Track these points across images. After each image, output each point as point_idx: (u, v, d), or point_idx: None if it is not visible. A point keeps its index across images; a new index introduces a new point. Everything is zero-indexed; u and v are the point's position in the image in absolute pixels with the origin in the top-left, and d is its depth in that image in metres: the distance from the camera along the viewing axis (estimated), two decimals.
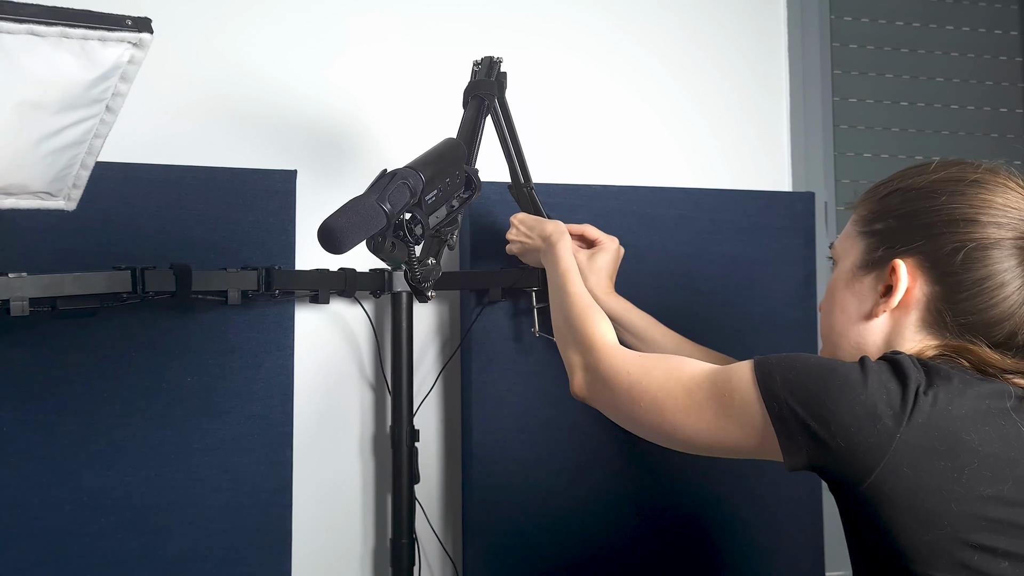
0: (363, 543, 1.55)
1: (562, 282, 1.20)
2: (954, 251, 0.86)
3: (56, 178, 0.99)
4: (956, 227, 0.86)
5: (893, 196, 0.93)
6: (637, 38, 1.77)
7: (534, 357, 1.51)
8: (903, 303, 0.89)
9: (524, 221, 1.36)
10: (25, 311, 1.16)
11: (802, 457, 0.81)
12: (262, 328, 1.43)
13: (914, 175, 0.93)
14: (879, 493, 0.77)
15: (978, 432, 0.77)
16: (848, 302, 0.95)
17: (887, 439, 0.77)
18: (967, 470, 0.76)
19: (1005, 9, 2.08)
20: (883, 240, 0.92)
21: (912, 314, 0.89)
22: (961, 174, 0.89)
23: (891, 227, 0.91)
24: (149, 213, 1.40)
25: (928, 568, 0.77)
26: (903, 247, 0.89)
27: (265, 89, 1.58)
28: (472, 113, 1.28)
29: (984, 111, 2.04)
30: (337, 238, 0.90)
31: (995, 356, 0.84)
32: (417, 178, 0.99)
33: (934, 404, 0.78)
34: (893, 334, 0.91)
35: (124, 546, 1.34)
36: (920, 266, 0.88)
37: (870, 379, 0.79)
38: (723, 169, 1.79)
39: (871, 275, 0.92)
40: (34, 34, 0.80)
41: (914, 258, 0.89)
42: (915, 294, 0.89)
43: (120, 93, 0.91)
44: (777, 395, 0.82)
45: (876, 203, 0.95)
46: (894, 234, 0.91)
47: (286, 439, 1.43)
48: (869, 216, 0.95)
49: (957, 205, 0.87)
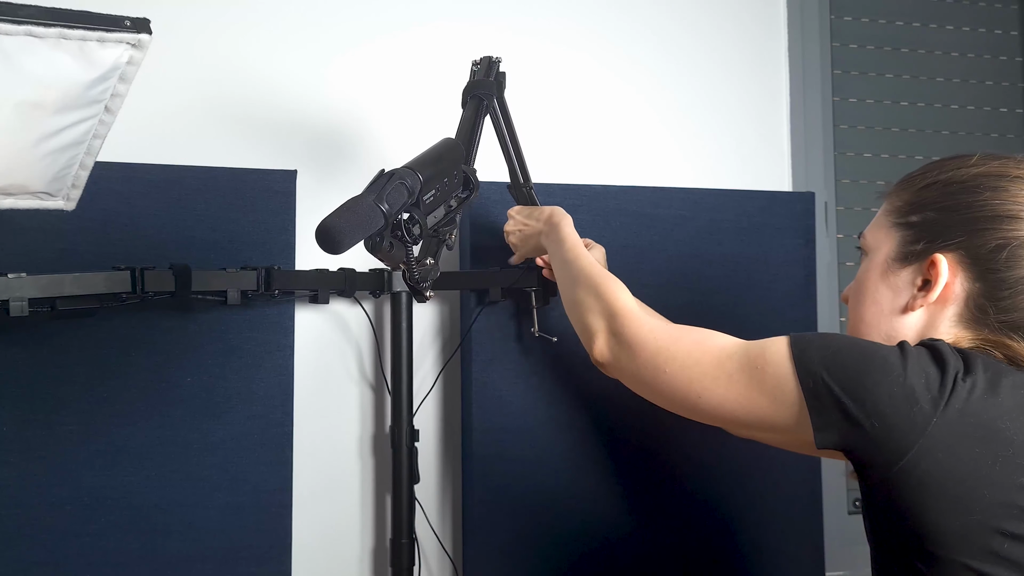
0: (363, 543, 1.55)
1: (572, 256, 1.20)
2: (998, 248, 0.85)
3: (55, 178, 0.99)
4: (1000, 223, 0.85)
5: (932, 188, 0.91)
6: (637, 38, 1.77)
7: (534, 357, 1.51)
8: (941, 298, 0.88)
9: (521, 211, 1.37)
10: (25, 311, 1.16)
11: (834, 435, 0.81)
12: (262, 328, 1.43)
13: (953, 168, 0.91)
14: (910, 477, 0.77)
15: (1014, 421, 0.77)
16: (882, 294, 0.93)
17: (923, 423, 0.76)
18: (1001, 458, 0.75)
19: (1005, 9, 2.08)
20: (922, 233, 0.90)
21: (950, 309, 0.88)
22: (1004, 169, 0.88)
23: (931, 220, 0.90)
24: (149, 213, 1.40)
25: (956, 554, 0.76)
26: (944, 241, 0.88)
27: (265, 89, 1.58)
28: (471, 113, 1.28)
29: (984, 111, 2.04)
30: (335, 238, 0.90)
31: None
32: (415, 178, 0.99)
33: (972, 391, 0.77)
34: (928, 328, 0.90)
35: (124, 546, 1.34)
36: (961, 261, 0.87)
37: (909, 362, 0.79)
38: (723, 169, 1.79)
39: (909, 268, 0.91)
40: (32, 35, 0.80)
41: (955, 253, 0.87)
42: (955, 289, 0.88)
43: (119, 94, 0.91)
44: (813, 371, 0.82)
45: (913, 194, 0.93)
46: (934, 227, 0.89)
47: (286, 439, 1.43)
48: (905, 207, 0.93)
49: (1001, 201, 0.86)
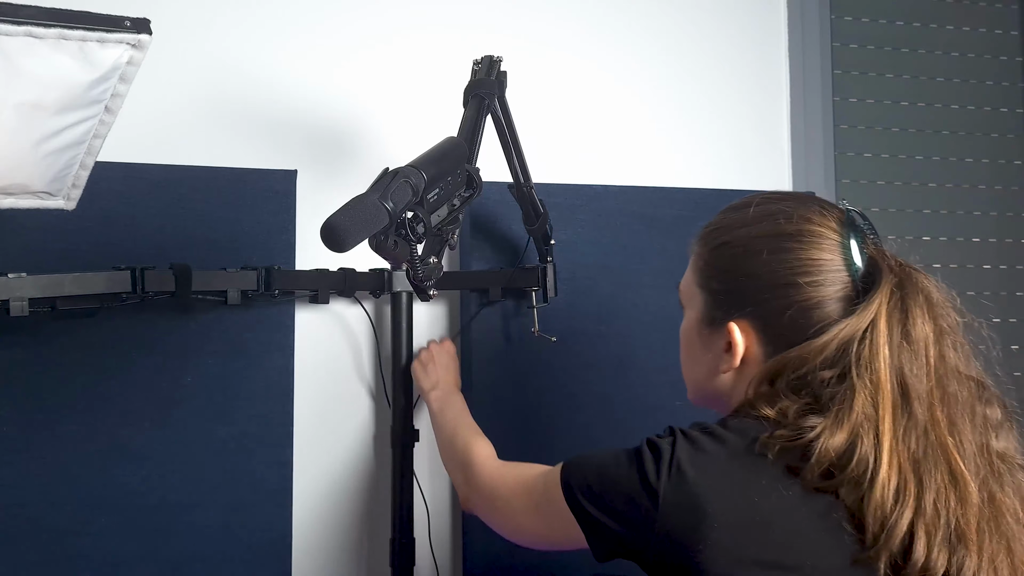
0: (363, 543, 1.54)
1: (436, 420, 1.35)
2: (780, 314, 0.88)
3: (56, 178, 0.99)
4: (779, 291, 0.88)
5: (722, 251, 0.95)
6: (637, 38, 1.77)
7: (534, 357, 1.51)
8: (743, 361, 0.92)
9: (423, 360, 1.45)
10: (25, 311, 1.16)
11: (603, 550, 0.88)
12: (262, 328, 1.43)
13: (738, 226, 0.94)
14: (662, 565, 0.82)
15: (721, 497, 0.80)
16: (700, 355, 0.97)
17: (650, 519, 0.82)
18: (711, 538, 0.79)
19: (1005, 9, 2.07)
20: (719, 300, 0.94)
21: (751, 369, 0.91)
22: (777, 228, 0.90)
23: (724, 289, 0.94)
24: (149, 213, 1.40)
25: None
26: (737, 311, 0.92)
27: (265, 89, 1.58)
28: (472, 112, 1.27)
29: (984, 111, 2.04)
30: (340, 236, 0.90)
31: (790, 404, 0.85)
32: (419, 176, 0.99)
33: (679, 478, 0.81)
34: (737, 387, 0.93)
35: (124, 546, 1.34)
36: (753, 327, 0.91)
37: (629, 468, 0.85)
38: (723, 169, 1.79)
39: (715, 333, 0.94)
40: (32, 36, 0.80)
41: (747, 320, 0.91)
42: (753, 353, 0.91)
43: (119, 94, 0.91)
44: (575, 497, 0.89)
45: (709, 253, 0.96)
46: (728, 297, 0.93)
47: (286, 439, 1.43)
48: (705, 268, 0.96)
49: (778, 267, 0.89)
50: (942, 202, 1.99)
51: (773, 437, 0.82)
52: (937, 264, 1.98)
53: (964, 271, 2.00)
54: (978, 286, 2.00)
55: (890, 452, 0.79)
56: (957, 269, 1.99)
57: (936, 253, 1.98)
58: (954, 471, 0.80)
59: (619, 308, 1.56)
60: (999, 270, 2.02)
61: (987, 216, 2.02)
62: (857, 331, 0.83)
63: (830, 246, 0.88)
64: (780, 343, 0.89)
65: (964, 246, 2.00)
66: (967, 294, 1.98)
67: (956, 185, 2.01)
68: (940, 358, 0.85)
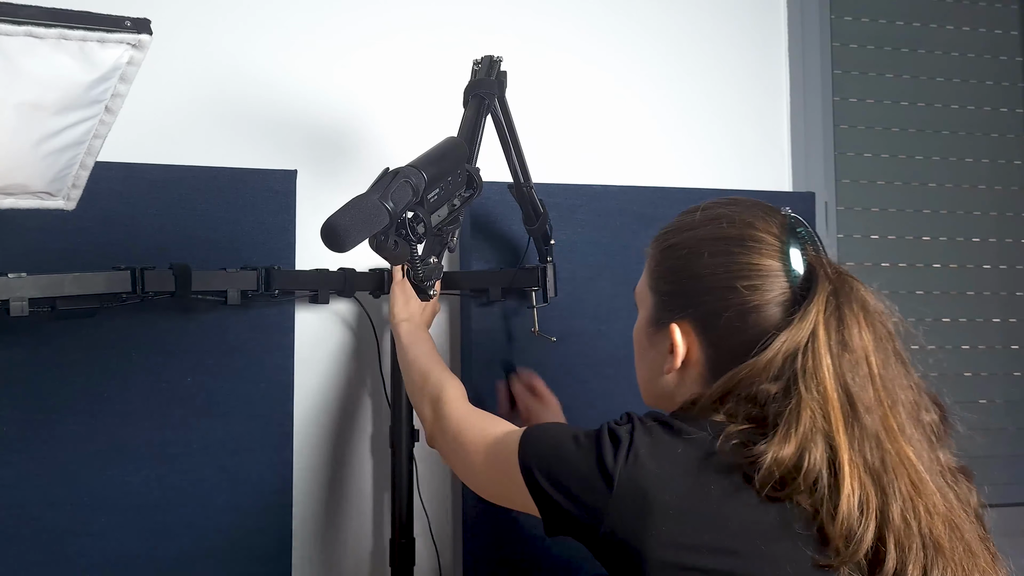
0: (363, 543, 1.54)
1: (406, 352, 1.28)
2: (716, 316, 0.90)
3: (56, 178, 0.99)
4: (718, 294, 0.90)
5: (670, 252, 0.96)
6: (637, 38, 1.77)
7: (534, 357, 1.51)
8: (685, 363, 0.94)
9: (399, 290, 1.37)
10: (25, 311, 1.16)
11: (553, 525, 0.88)
12: (262, 328, 1.43)
13: (686, 228, 0.96)
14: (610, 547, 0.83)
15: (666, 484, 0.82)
16: (647, 355, 1.00)
17: (603, 501, 0.83)
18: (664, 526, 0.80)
19: (1005, 9, 2.07)
20: (664, 301, 0.96)
21: (693, 371, 0.93)
22: (720, 231, 0.92)
23: (670, 291, 0.95)
24: (149, 213, 1.40)
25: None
26: (678, 312, 0.94)
27: (265, 89, 1.58)
28: (472, 112, 1.27)
29: (984, 111, 2.04)
30: (340, 236, 0.90)
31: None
32: (419, 176, 0.99)
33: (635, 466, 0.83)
34: (680, 388, 0.95)
35: (124, 546, 1.34)
36: (693, 329, 0.93)
37: (588, 448, 0.86)
38: (723, 169, 1.79)
39: (660, 333, 0.96)
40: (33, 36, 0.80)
41: (688, 322, 0.93)
42: (694, 355, 0.93)
43: (119, 94, 0.91)
44: (529, 466, 0.90)
45: (660, 255, 0.98)
46: (672, 297, 0.95)
47: (286, 439, 1.43)
48: (655, 270, 0.98)
49: (718, 270, 0.90)
50: (942, 202, 1.99)
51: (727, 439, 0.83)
52: (937, 264, 1.98)
53: (964, 271, 2.00)
54: (978, 286, 2.00)
55: (850, 464, 0.79)
56: (957, 269, 1.99)
57: (936, 253, 1.98)
58: (915, 481, 0.81)
59: (619, 308, 1.56)
60: (999, 270, 2.02)
61: (987, 216, 2.02)
62: (800, 343, 0.84)
63: (770, 251, 0.89)
64: (719, 345, 0.91)
65: (964, 246, 2.00)
66: (967, 294, 1.99)
67: (956, 185, 2.01)
68: (882, 365, 0.86)
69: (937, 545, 0.79)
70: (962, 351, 1.98)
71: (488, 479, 1.01)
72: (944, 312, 1.97)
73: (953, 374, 1.97)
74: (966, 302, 1.99)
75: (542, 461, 0.89)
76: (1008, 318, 2.01)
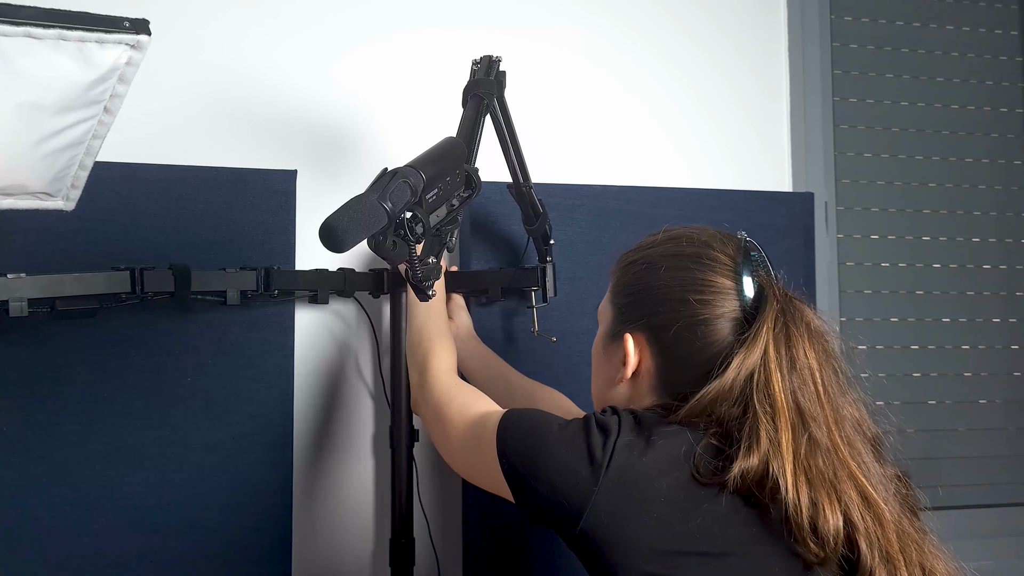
0: (363, 543, 1.55)
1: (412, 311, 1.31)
2: (667, 328, 0.94)
3: (55, 178, 0.99)
4: (670, 306, 0.94)
5: (630, 268, 1.01)
6: (637, 38, 1.77)
7: (534, 357, 1.51)
8: (637, 372, 0.98)
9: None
10: (24, 311, 1.16)
11: (526, 506, 0.90)
12: (262, 328, 1.43)
13: (647, 246, 1.01)
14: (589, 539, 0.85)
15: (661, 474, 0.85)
16: (602, 367, 1.03)
17: (588, 490, 0.85)
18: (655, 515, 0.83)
19: (1005, 9, 2.07)
20: (621, 313, 1.00)
21: (645, 382, 0.97)
22: (679, 249, 0.97)
23: (627, 303, 0.99)
24: (149, 213, 1.40)
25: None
26: (633, 323, 0.98)
27: (265, 89, 1.58)
28: (471, 112, 1.27)
29: (984, 111, 2.04)
30: (338, 237, 0.90)
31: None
32: (418, 177, 0.99)
33: (630, 455, 0.85)
34: (632, 398, 0.99)
35: (124, 546, 1.34)
36: (646, 339, 0.97)
37: (574, 437, 0.87)
38: (723, 169, 1.79)
39: (615, 345, 1.00)
40: (31, 36, 0.80)
41: (641, 333, 0.97)
42: (645, 365, 0.97)
43: (118, 94, 0.91)
44: (506, 451, 0.91)
45: (621, 272, 1.03)
46: (629, 309, 0.99)
47: (286, 439, 1.43)
48: (616, 286, 1.03)
49: (673, 283, 0.95)
50: (942, 202, 1.99)
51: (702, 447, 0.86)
52: (937, 264, 1.98)
53: (964, 271, 2.00)
54: (978, 286, 2.00)
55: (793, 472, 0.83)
56: (957, 269, 1.99)
57: (936, 253, 1.98)
58: (864, 493, 0.85)
59: None
60: (999, 270, 2.02)
61: (987, 216, 2.02)
62: (755, 363, 0.89)
63: (723, 270, 0.94)
64: (669, 356, 0.95)
65: (964, 246, 2.00)
66: (967, 294, 1.99)
67: (956, 185, 2.01)
68: (827, 383, 0.90)
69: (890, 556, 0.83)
70: (962, 351, 1.98)
71: (464, 458, 1.02)
72: (944, 312, 1.97)
73: (953, 374, 1.97)
74: (966, 302, 1.99)
75: (520, 447, 0.90)
76: (1008, 318, 2.01)
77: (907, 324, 1.95)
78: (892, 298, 1.95)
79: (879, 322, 1.94)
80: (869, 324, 1.93)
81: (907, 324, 1.95)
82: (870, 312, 1.93)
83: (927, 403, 1.95)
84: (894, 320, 1.95)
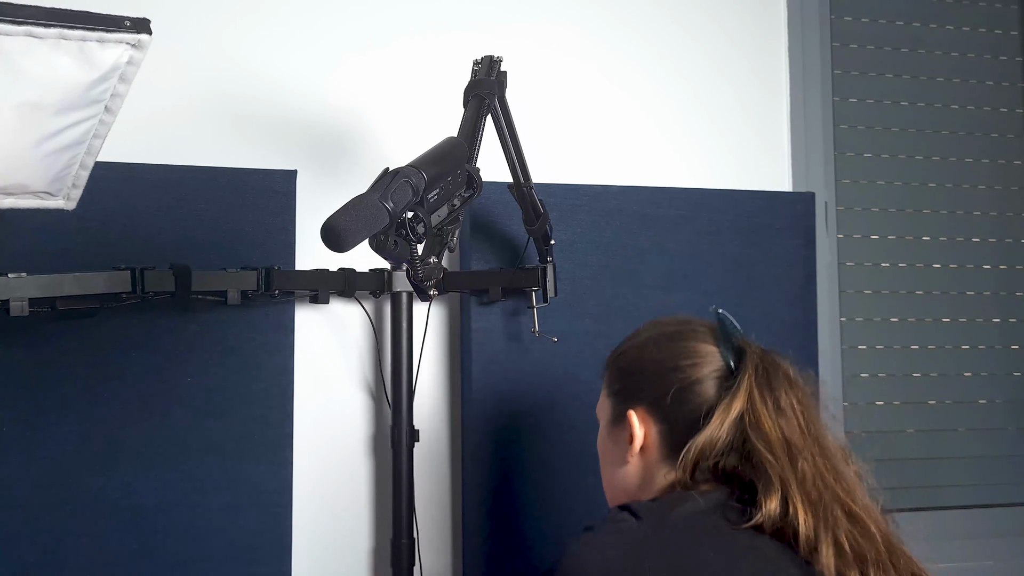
0: (363, 543, 1.54)
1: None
2: (665, 393, 1.01)
3: (56, 178, 0.99)
4: (665, 374, 1.02)
5: (620, 359, 1.09)
6: (637, 38, 1.77)
7: (534, 357, 1.51)
8: (644, 447, 1.03)
9: None
10: (25, 311, 1.16)
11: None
12: (262, 328, 1.43)
13: (632, 338, 1.10)
14: None
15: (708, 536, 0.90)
16: (609, 454, 1.08)
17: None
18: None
19: (1005, 9, 2.07)
20: (620, 397, 1.06)
21: (655, 453, 1.02)
22: (660, 329, 1.07)
23: (623, 387, 1.07)
24: (149, 213, 1.40)
25: None
26: (633, 401, 1.04)
27: (265, 89, 1.58)
28: (472, 112, 1.27)
29: (984, 111, 2.04)
30: (340, 236, 0.90)
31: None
32: (419, 176, 0.99)
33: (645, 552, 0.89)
34: (645, 473, 1.03)
35: (124, 546, 1.34)
36: (648, 412, 1.03)
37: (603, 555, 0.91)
38: (723, 169, 1.79)
39: (619, 428, 1.05)
40: (32, 36, 0.80)
41: (643, 407, 1.03)
42: (651, 436, 1.02)
43: (119, 94, 0.91)
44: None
45: (612, 366, 1.10)
46: (627, 391, 1.06)
47: (286, 439, 1.43)
48: (610, 379, 1.10)
49: (663, 357, 1.03)
50: (942, 202, 1.99)
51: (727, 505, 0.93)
52: (937, 264, 1.98)
53: (964, 271, 2.00)
54: (978, 286, 2.00)
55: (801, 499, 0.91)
56: (957, 269, 1.99)
57: (936, 253, 1.98)
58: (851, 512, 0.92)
59: (619, 308, 1.56)
60: (999, 270, 2.02)
61: (987, 216, 2.02)
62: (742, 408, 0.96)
63: (704, 337, 1.03)
64: (671, 419, 1.01)
65: (964, 246, 2.00)
66: (967, 294, 1.99)
67: (956, 185, 2.01)
68: (810, 422, 0.99)
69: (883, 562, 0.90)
70: (962, 351, 1.98)
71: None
72: (944, 312, 1.97)
73: (953, 374, 1.97)
74: (966, 302, 1.99)
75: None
76: (1007, 318, 2.01)
77: (907, 324, 1.95)
78: (892, 298, 1.95)
79: (879, 322, 1.93)
80: (869, 324, 1.93)
81: (907, 324, 1.95)
82: (870, 312, 1.93)
83: (927, 403, 1.95)
84: (894, 320, 1.95)
